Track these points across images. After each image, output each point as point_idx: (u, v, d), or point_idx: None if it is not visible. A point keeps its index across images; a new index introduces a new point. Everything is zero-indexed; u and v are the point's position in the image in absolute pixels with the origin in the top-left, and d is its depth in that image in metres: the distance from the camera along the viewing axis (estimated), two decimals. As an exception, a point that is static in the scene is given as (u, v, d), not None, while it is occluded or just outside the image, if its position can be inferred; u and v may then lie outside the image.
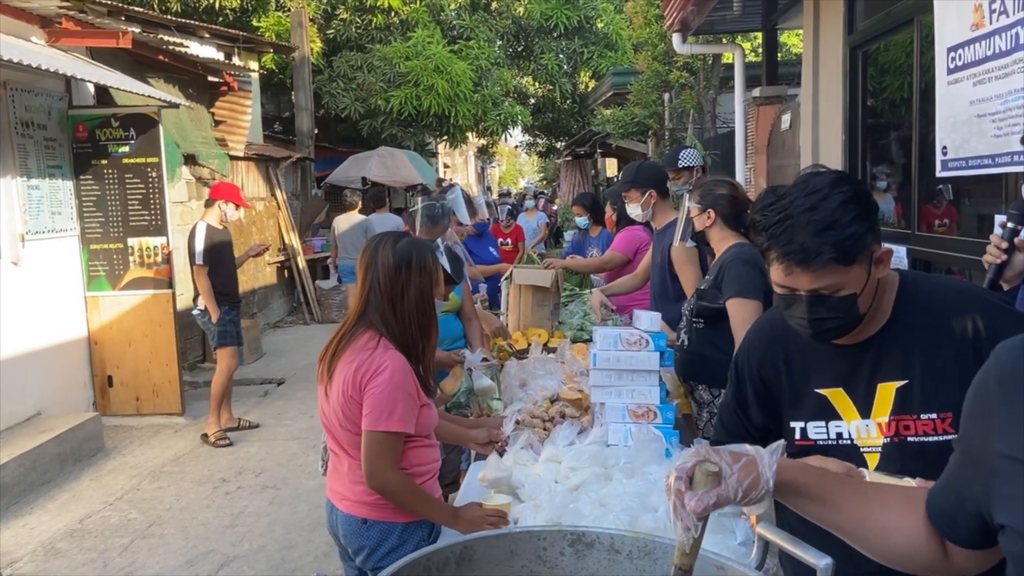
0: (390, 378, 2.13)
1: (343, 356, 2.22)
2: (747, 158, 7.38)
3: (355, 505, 2.26)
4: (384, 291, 2.23)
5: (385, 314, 2.23)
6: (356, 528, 2.25)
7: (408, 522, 2.24)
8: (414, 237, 2.45)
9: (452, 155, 29.56)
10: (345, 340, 2.25)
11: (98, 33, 6.33)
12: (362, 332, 2.23)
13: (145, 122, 6.43)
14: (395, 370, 2.15)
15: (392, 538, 2.23)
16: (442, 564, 1.10)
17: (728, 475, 1.03)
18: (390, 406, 2.13)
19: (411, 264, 2.25)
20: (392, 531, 2.23)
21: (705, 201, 2.93)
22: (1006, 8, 2.61)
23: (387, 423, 2.13)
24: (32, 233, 5.91)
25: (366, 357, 2.17)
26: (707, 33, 8.20)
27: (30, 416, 5.70)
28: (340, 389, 2.20)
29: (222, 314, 5.87)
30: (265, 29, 12.64)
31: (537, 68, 16.52)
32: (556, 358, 3.64)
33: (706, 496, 1.02)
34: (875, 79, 4.55)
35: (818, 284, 1.43)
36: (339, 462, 2.31)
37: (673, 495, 1.03)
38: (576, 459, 2.38)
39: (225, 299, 5.95)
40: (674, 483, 1.03)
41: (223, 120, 9.23)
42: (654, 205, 3.84)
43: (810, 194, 1.43)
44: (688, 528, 1.02)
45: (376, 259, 2.26)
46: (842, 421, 1.56)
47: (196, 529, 4.42)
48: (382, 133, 13.95)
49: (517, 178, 51.28)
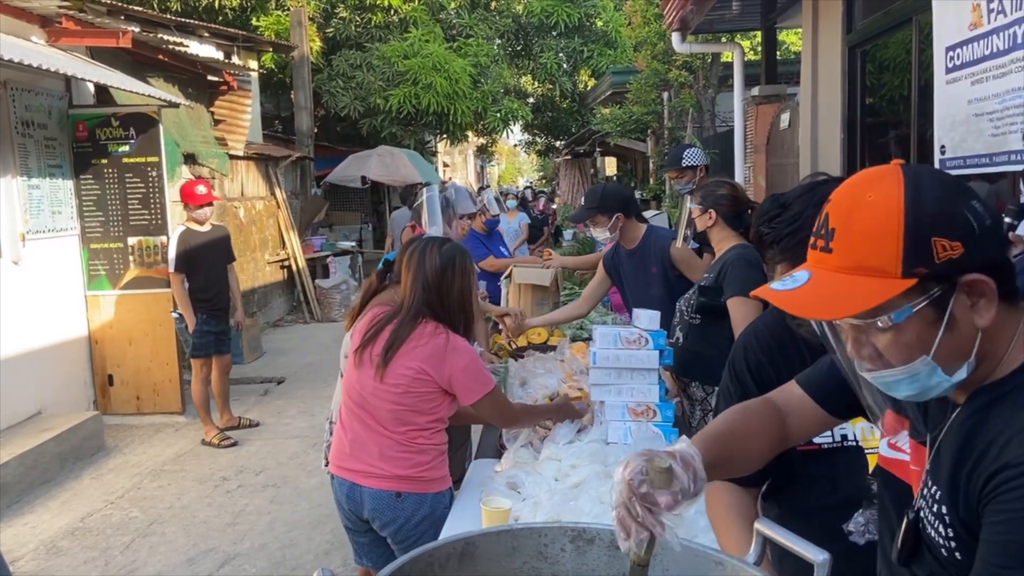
0: (465, 353, 2.48)
1: (406, 344, 2.45)
2: (746, 157, 7.39)
3: (387, 480, 2.46)
4: (434, 289, 2.49)
5: (436, 310, 2.50)
6: (389, 502, 2.46)
7: (436, 492, 2.50)
8: (455, 242, 2.74)
9: (451, 154, 29.57)
10: (405, 330, 2.47)
11: (98, 32, 6.34)
12: (423, 323, 2.48)
13: (145, 121, 6.43)
14: (467, 348, 2.51)
15: (424, 507, 2.47)
16: (444, 560, 1.11)
17: (678, 470, 1.04)
18: (481, 372, 2.51)
19: (455, 266, 2.53)
20: (424, 500, 2.48)
21: (706, 202, 2.96)
22: (1004, 8, 2.62)
23: (486, 384, 2.50)
24: (32, 232, 5.91)
25: (442, 342, 2.46)
26: (706, 32, 8.20)
27: (31, 415, 5.71)
28: (410, 370, 2.43)
29: (199, 323, 5.69)
30: (264, 28, 12.63)
31: (536, 67, 16.53)
32: (555, 356, 3.65)
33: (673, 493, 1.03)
34: (874, 78, 4.56)
35: None
36: (368, 442, 2.50)
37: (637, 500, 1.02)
38: (576, 457, 2.39)
39: (204, 306, 5.75)
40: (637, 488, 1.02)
41: (223, 119, 9.23)
42: (622, 227, 3.63)
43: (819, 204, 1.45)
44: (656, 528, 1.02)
45: (424, 260, 2.52)
46: (847, 423, 1.55)
47: (197, 527, 4.43)
48: (382, 132, 13.95)
49: (516, 177, 51.27)
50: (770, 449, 1.31)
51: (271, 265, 10.80)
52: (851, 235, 0.97)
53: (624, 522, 1.03)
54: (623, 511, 1.03)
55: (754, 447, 1.28)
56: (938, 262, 0.92)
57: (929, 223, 0.93)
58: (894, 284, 0.94)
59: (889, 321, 0.95)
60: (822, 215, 1.02)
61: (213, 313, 5.78)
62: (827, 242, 0.99)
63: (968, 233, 0.93)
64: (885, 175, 0.98)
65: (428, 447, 2.49)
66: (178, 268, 5.67)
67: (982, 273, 0.93)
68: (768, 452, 1.31)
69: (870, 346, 0.99)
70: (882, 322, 0.96)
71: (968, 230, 0.93)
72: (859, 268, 0.95)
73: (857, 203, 0.97)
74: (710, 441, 1.20)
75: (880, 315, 0.95)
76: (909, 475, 1.12)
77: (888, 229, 0.94)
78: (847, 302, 0.95)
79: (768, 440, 1.30)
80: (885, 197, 0.95)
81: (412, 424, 2.46)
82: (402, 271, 2.60)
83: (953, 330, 0.95)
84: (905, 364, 0.97)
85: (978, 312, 0.95)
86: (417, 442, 2.47)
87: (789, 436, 1.34)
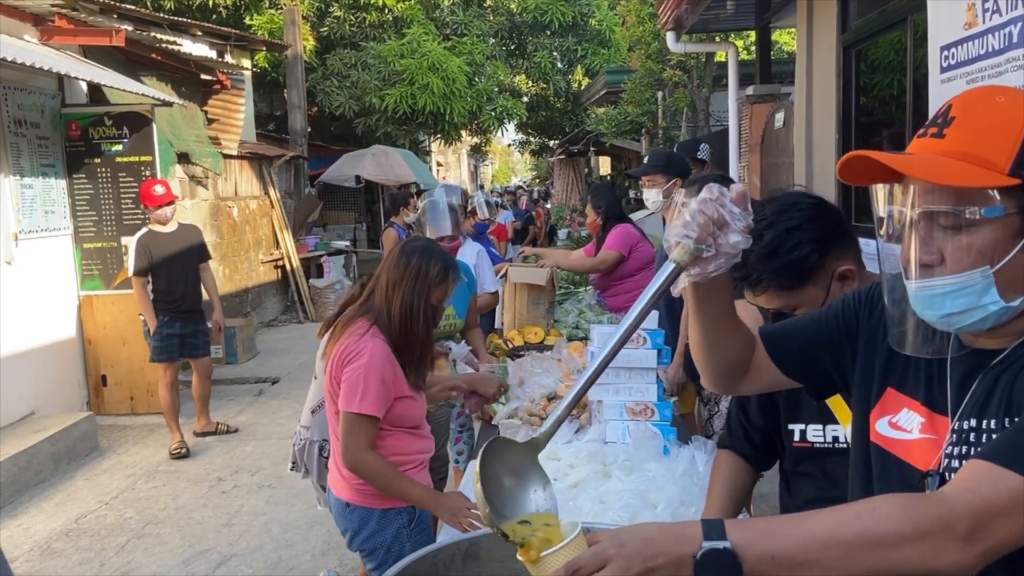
0: (367, 362, 2.23)
1: (338, 339, 2.34)
2: (741, 156, 7.40)
3: (341, 489, 2.37)
4: (389, 282, 2.33)
5: (386, 306, 2.32)
6: (341, 511, 2.38)
7: (387, 509, 2.31)
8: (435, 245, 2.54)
9: (445, 153, 29.54)
10: (343, 324, 2.36)
11: (91, 31, 6.31)
12: (358, 321, 2.34)
13: (138, 120, 6.41)
14: (373, 356, 2.23)
15: (371, 523, 2.31)
16: (448, 560, 1.11)
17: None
18: (362, 388, 2.21)
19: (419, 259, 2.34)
20: (371, 516, 2.32)
21: None
22: (999, 7, 2.63)
23: (359, 405, 2.21)
24: (25, 232, 5.88)
25: (353, 341, 2.28)
26: (700, 32, 8.22)
27: (24, 416, 5.68)
28: (329, 370, 2.32)
29: (160, 325, 5.47)
30: (258, 27, 12.60)
31: (530, 66, 16.52)
32: (553, 355, 3.65)
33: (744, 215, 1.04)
34: (868, 77, 4.58)
35: (773, 305, 1.54)
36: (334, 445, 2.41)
37: (717, 202, 1.02)
38: (575, 456, 2.39)
39: (167, 308, 5.51)
40: (719, 195, 1.03)
41: (216, 118, 9.20)
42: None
43: (759, 222, 1.49)
44: (726, 230, 1.03)
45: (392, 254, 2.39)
46: (839, 425, 1.60)
47: (192, 528, 4.41)
48: (376, 131, 13.93)
49: (510, 176, 51.27)
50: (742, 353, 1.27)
51: (265, 265, 10.78)
52: (970, 124, 0.97)
53: (694, 220, 1.03)
54: (697, 208, 1.03)
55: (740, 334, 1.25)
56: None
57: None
58: (997, 177, 0.93)
59: (978, 213, 0.94)
60: (943, 107, 1.01)
61: (178, 315, 5.54)
62: (941, 129, 0.99)
63: None
64: (1019, 89, 0.99)
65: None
66: (138, 272, 5.48)
67: None
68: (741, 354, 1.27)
69: (936, 250, 0.97)
70: (970, 212, 0.94)
71: None
72: (967, 155, 0.95)
73: (985, 100, 0.99)
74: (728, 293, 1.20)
75: (972, 205, 0.94)
76: (912, 454, 1.10)
77: (1009, 127, 0.94)
78: (952, 173, 0.94)
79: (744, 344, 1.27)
80: (1015, 101, 0.96)
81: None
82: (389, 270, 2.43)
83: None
84: (965, 272, 0.95)
85: None
86: None
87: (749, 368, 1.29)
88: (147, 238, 5.55)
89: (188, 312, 5.63)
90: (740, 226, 1.03)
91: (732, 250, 1.04)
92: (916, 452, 1.10)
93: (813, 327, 1.27)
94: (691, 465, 2.24)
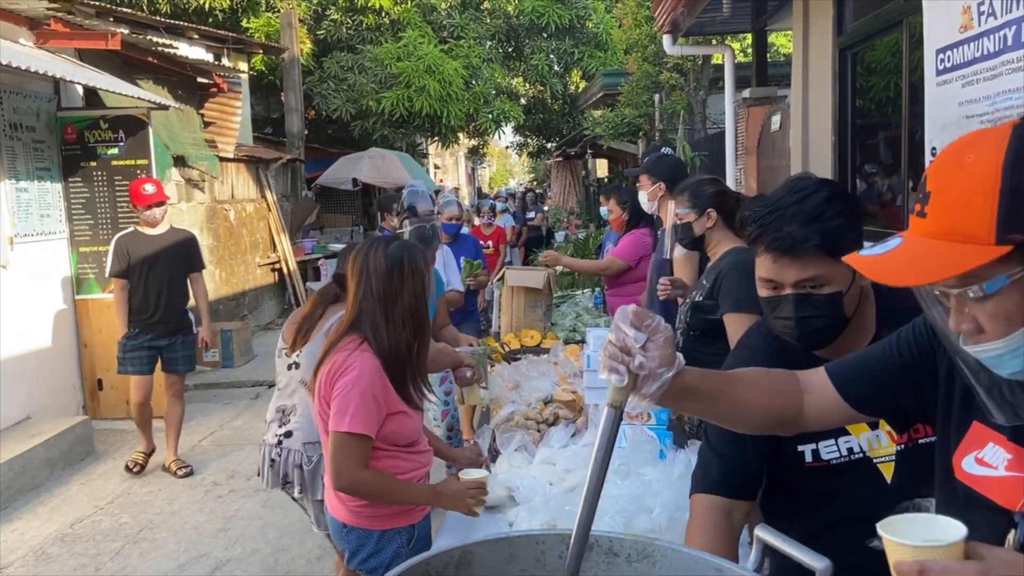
0: (356, 378, 2.13)
1: (327, 359, 2.23)
2: (737, 159, 7.40)
3: (337, 509, 2.30)
4: (377, 297, 2.21)
5: (376, 321, 2.21)
6: (338, 531, 2.32)
7: (385, 530, 2.25)
8: (404, 240, 2.46)
9: (443, 156, 29.55)
10: (330, 345, 2.26)
11: (87, 35, 6.30)
12: (348, 338, 2.23)
13: (134, 124, 6.39)
14: (363, 372, 2.14)
15: (369, 545, 2.26)
16: (441, 568, 1.10)
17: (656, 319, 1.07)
18: (353, 406, 2.12)
19: (403, 267, 2.23)
20: (369, 538, 2.26)
21: (700, 202, 2.77)
22: (994, 10, 2.63)
23: (349, 423, 2.11)
24: (21, 236, 5.87)
25: (342, 358, 2.18)
26: (697, 34, 8.21)
27: (19, 420, 5.66)
28: (317, 391, 2.23)
29: (126, 336, 5.07)
30: (254, 30, 12.59)
31: (527, 69, 16.53)
32: (549, 359, 3.65)
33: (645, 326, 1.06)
34: (864, 80, 4.58)
35: (805, 275, 1.46)
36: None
37: (619, 330, 1.05)
38: (571, 461, 2.38)
39: (137, 320, 5.08)
40: (619, 321, 1.06)
41: (213, 121, 9.19)
42: (660, 199, 3.67)
43: (798, 191, 1.49)
44: (631, 362, 1.04)
45: (368, 264, 2.23)
46: (851, 435, 1.52)
47: (188, 533, 4.39)
48: (373, 134, 13.92)
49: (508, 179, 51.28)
50: (775, 413, 1.23)
51: (262, 268, 10.76)
52: (945, 199, 0.90)
53: (606, 353, 1.06)
54: (606, 344, 1.06)
55: (756, 400, 1.21)
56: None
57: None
58: (986, 251, 0.87)
59: (981, 292, 0.89)
60: (923, 177, 0.95)
61: (147, 327, 5.09)
62: (923, 206, 0.93)
63: None
64: (990, 135, 0.91)
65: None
66: (113, 273, 5.13)
67: None
68: (771, 415, 1.23)
69: (971, 319, 0.92)
70: (973, 292, 0.89)
71: None
72: (951, 233, 0.89)
73: (956, 165, 0.91)
74: (711, 372, 1.18)
75: (971, 284, 0.89)
76: (998, 492, 1.02)
77: (982, 193, 0.87)
78: (933, 268, 0.89)
79: (777, 401, 1.22)
80: (984, 159, 0.88)
81: None
82: (348, 280, 2.31)
83: None
84: (1006, 337, 0.90)
85: None
86: None
87: (803, 413, 1.25)
88: (128, 239, 5.17)
89: (159, 324, 5.12)
90: (640, 346, 1.04)
91: (647, 371, 1.05)
92: (1001, 490, 1.02)
93: (888, 361, 1.21)
94: (687, 469, 2.23)
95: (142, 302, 5.12)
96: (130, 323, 5.10)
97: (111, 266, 5.15)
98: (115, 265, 5.12)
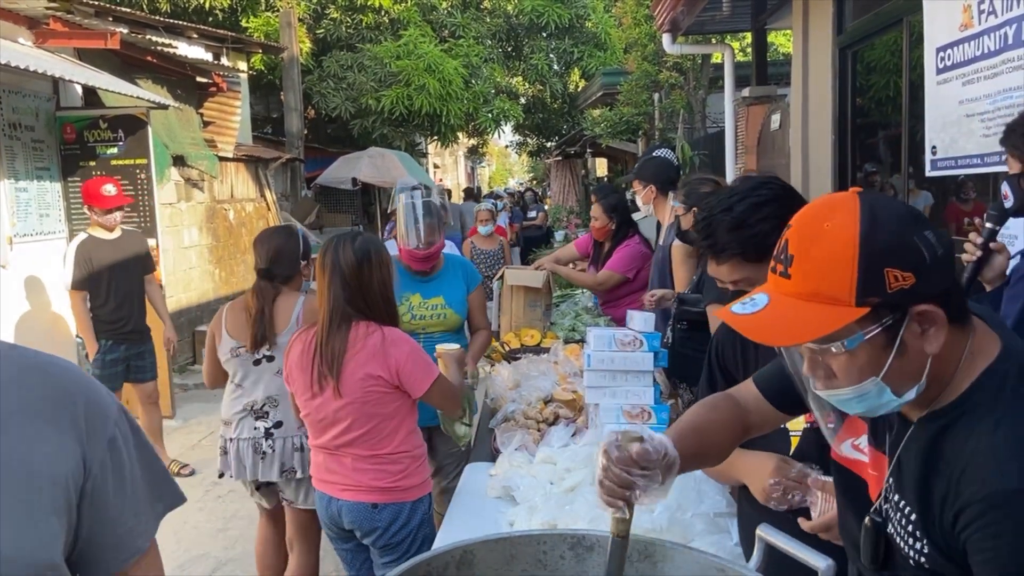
0: (413, 344, 2.44)
1: (348, 352, 2.36)
2: (737, 158, 7.40)
3: (362, 492, 2.43)
4: (353, 286, 2.39)
5: (361, 307, 2.41)
6: (366, 513, 2.44)
7: (414, 500, 2.47)
8: (367, 234, 2.62)
9: (442, 155, 29.54)
10: (339, 339, 2.37)
11: (86, 34, 6.30)
12: (354, 325, 2.39)
13: (134, 123, 6.39)
14: (406, 337, 2.45)
15: (402, 516, 2.45)
16: (442, 569, 1.09)
17: (649, 437, 1.13)
18: (425, 360, 2.45)
19: (371, 259, 2.43)
20: (402, 510, 2.45)
21: (690, 200, 2.87)
22: (995, 8, 2.63)
23: (434, 370, 2.47)
24: (20, 236, 5.86)
25: (378, 339, 2.37)
26: (696, 33, 8.21)
27: (19, 420, 5.65)
28: (360, 378, 2.36)
29: (101, 350, 4.81)
30: (254, 29, 12.57)
31: (527, 68, 16.52)
32: (549, 358, 3.64)
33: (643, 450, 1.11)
34: (864, 79, 4.58)
35: (734, 276, 1.63)
36: (342, 457, 2.45)
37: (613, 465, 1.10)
38: (571, 460, 2.38)
39: (108, 329, 4.82)
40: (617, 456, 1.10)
41: (212, 121, 9.18)
42: (654, 200, 3.74)
43: (730, 197, 1.63)
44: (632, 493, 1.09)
45: (339, 260, 2.41)
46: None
47: (188, 533, 4.39)
48: (373, 133, 13.91)
49: (507, 178, 51.29)
50: (734, 441, 1.39)
51: (261, 267, 10.74)
52: (808, 263, 1.00)
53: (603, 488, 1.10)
54: (602, 476, 1.11)
55: (723, 440, 1.37)
56: (890, 292, 0.96)
57: (882, 254, 0.96)
58: (848, 312, 0.97)
59: (842, 347, 0.99)
60: (782, 240, 1.05)
61: (121, 337, 4.89)
62: (786, 267, 1.02)
63: (920, 263, 0.96)
64: (842, 204, 1.01)
65: (400, 456, 2.44)
66: (77, 285, 4.81)
67: (933, 302, 0.97)
68: (733, 444, 1.39)
69: (824, 367, 1.03)
70: (835, 348, 0.99)
71: (920, 260, 0.96)
72: (815, 295, 0.99)
73: (815, 231, 1.01)
74: (684, 436, 1.25)
75: (834, 342, 0.99)
76: (866, 476, 1.17)
77: (843, 260, 0.97)
78: (802, 329, 0.99)
79: (733, 434, 1.38)
80: (841, 227, 0.98)
81: (379, 433, 2.41)
82: (317, 276, 2.47)
83: (904, 355, 0.99)
84: (856, 385, 1.01)
85: (928, 340, 0.98)
86: (388, 452, 2.42)
87: (750, 430, 1.42)
88: (89, 245, 4.87)
89: (132, 332, 4.95)
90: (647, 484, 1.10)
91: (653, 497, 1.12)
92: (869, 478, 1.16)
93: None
94: (688, 469, 2.23)
95: (114, 312, 4.87)
96: (100, 336, 4.82)
97: (74, 276, 4.81)
98: (78, 274, 4.81)
